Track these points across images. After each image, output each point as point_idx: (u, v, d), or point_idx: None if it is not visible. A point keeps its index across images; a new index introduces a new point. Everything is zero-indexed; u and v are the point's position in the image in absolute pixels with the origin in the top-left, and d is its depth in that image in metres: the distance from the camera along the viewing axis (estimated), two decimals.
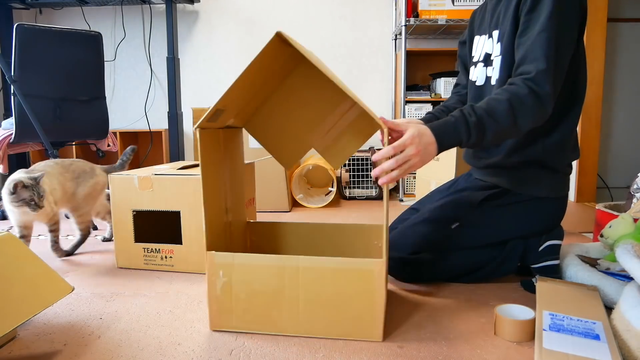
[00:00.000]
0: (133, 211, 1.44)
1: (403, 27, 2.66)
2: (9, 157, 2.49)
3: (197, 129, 0.99)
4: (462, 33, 1.49)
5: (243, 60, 3.18)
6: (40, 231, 1.92)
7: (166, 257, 1.44)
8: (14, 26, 1.94)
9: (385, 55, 3.14)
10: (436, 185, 2.06)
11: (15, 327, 0.88)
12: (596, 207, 1.61)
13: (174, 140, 2.95)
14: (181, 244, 1.42)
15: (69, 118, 2.17)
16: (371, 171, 2.71)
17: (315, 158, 2.66)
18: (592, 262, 1.25)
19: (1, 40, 2.90)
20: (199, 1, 3.08)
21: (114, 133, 2.75)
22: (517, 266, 1.30)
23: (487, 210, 1.27)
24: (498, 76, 1.24)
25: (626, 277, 1.13)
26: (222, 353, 0.93)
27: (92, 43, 2.22)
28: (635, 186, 1.60)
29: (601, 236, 1.26)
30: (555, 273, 1.24)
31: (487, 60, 1.29)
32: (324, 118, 1.26)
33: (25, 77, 1.99)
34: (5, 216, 2.25)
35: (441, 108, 1.44)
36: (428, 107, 2.83)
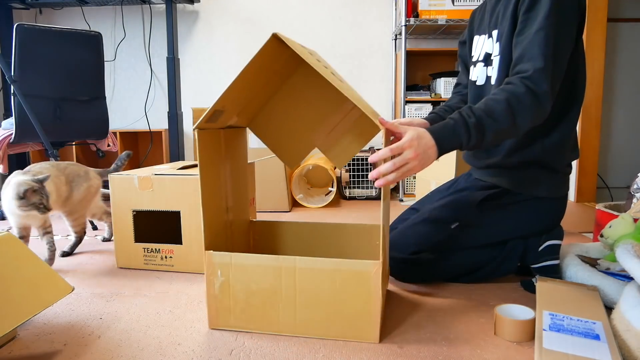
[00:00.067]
0: (133, 211, 1.44)
1: (403, 27, 2.66)
2: (9, 157, 2.50)
3: (196, 130, 1.00)
4: (462, 33, 1.49)
5: (243, 60, 3.18)
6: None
7: (166, 257, 1.44)
8: (14, 26, 1.94)
9: (385, 55, 3.14)
10: (436, 185, 2.06)
11: (15, 327, 0.88)
12: (596, 207, 1.61)
13: (174, 140, 2.96)
14: (181, 244, 1.42)
15: (69, 118, 2.17)
16: (370, 172, 2.71)
17: (315, 158, 2.66)
18: (592, 262, 1.25)
19: (1, 40, 2.91)
20: (199, 1, 3.08)
21: (114, 133, 2.75)
22: (517, 266, 1.30)
23: (487, 210, 1.27)
24: (497, 76, 1.24)
25: (626, 277, 1.13)
26: (222, 353, 0.93)
27: (92, 43, 2.22)
28: (635, 186, 1.60)
29: (601, 236, 1.26)
30: (555, 273, 1.24)
31: (487, 59, 1.29)
32: (327, 117, 1.26)
33: (25, 77, 1.99)
34: (5, 216, 2.25)
35: (444, 108, 1.44)
36: (428, 107, 2.83)
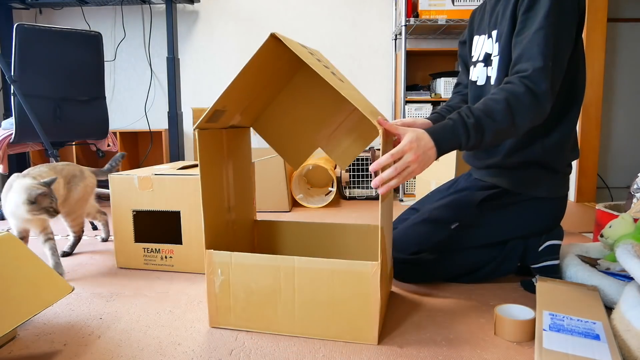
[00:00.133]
0: (133, 211, 1.44)
1: (403, 27, 2.66)
2: (9, 157, 2.49)
3: (196, 130, 1.00)
4: (462, 33, 1.49)
5: (243, 60, 3.18)
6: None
7: (166, 257, 1.44)
8: (14, 26, 1.94)
9: (385, 55, 3.14)
10: (436, 185, 2.06)
11: (15, 327, 0.87)
12: (596, 207, 1.61)
13: (174, 140, 2.96)
14: (181, 244, 1.42)
15: (69, 118, 2.17)
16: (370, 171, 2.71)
17: (315, 158, 2.66)
18: (592, 262, 1.25)
19: (1, 40, 2.90)
20: (199, 1, 3.08)
21: (114, 133, 2.75)
22: (517, 266, 1.30)
23: (487, 210, 1.27)
24: (496, 76, 1.24)
25: (626, 277, 1.13)
26: (222, 353, 0.93)
27: (92, 43, 2.22)
28: (635, 186, 1.60)
29: (601, 236, 1.26)
30: (555, 273, 1.24)
31: (487, 60, 1.29)
32: (330, 117, 1.26)
33: (25, 77, 1.99)
34: (5, 217, 2.25)
35: (446, 108, 1.44)
36: (428, 107, 2.83)
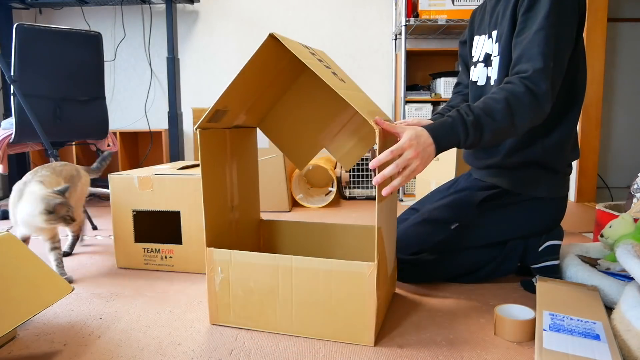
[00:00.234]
0: (133, 211, 1.44)
1: (403, 27, 2.66)
2: (9, 157, 2.49)
3: (198, 130, 1.00)
4: (462, 33, 1.49)
5: (243, 60, 3.18)
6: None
7: (166, 257, 1.44)
8: (14, 26, 1.94)
9: (385, 55, 3.14)
10: (436, 185, 2.06)
11: (15, 327, 0.87)
12: (596, 207, 1.61)
13: (174, 140, 2.95)
14: (181, 244, 1.42)
15: (69, 118, 2.17)
16: (371, 171, 2.71)
17: (315, 158, 2.66)
18: (592, 262, 1.25)
19: (1, 40, 2.90)
20: (199, 1, 3.08)
21: (114, 133, 2.74)
22: (517, 266, 1.30)
23: (487, 210, 1.27)
24: (496, 76, 1.24)
25: (626, 277, 1.13)
26: (222, 353, 0.93)
27: (92, 43, 2.22)
28: (635, 186, 1.60)
29: (601, 236, 1.26)
30: (555, 273, 1.24)
31: (487, 60, 1.29)
32: (334, 118, 1.26)
33: (25, 77, 1.99)
34: (5, 216, 2.25)
35: (447, 108, 1.44)
36: (428, 107, 2.83)
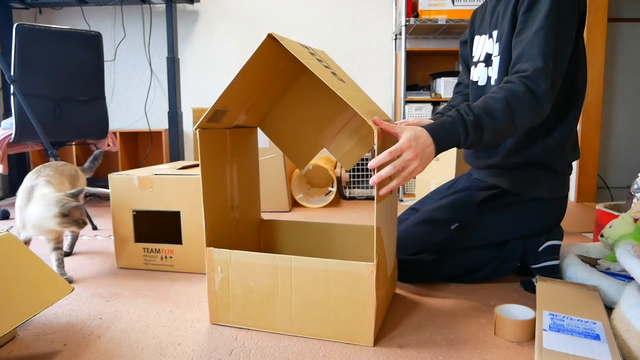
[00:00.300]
0: (133, 211, 1.44)
1: (403, 27, 2.66)
2: (9, 157, 2.49)
3: (197, 130, 1.00)
4: (462, 33, 1.49)
5: (243, 60, 3.16)
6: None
7: (166, 257, 1.44)
8: (14, 26, 1.94)
9: (385, 55, 3.14)
10: (436, 185, 2.06)
11: (15, 327, 0.87)
12: (596, 207, 1.61)
13: (174, 140, 2.95)
14: (181, 244, 1.42)
15: (69, 118, 2.17)
16: (371, 171, 2.71)
17: (315, 158, 2.66)
18: (592, 262, 1.25)
19: (1, 40, 2.90)
20: (199, 1, 3.08)
21: (114, 133, 2.74)
22: (517, 266, 1.30)
23: (487, 210, 1.27)
24: (497, 76, 1.24)
25: (626, 277, 1.13)
26: (222, 353, 0.93)
27: (92, 43, 2.22)
28: (635, 186, 1.60)
29: (601, 236, 1.26)
30: (555, 273, 1.24)
31: (488, 60, 1.29)
32: (335, 118, 1.26)
33: (25, 77, 1.99)
34: (5, 216, 2.25)
35: (447, 108, 1.44)
36: (428, 107, 2.83)
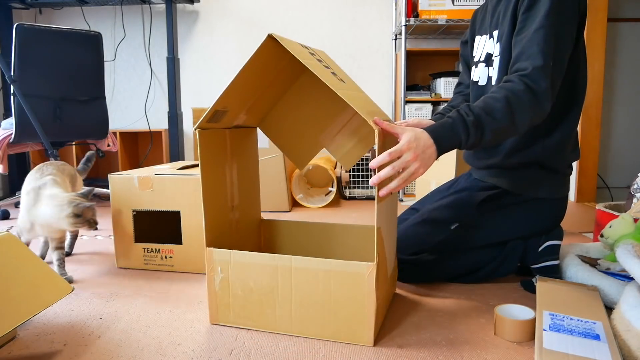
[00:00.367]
0: (133, 211, 1.44)
1: (403, 27, 2.66)
2: (9, 157, 2.49)
3: (197, 130, 1.00)
4: (463, 33, 1.49)
5: (243, 60, 3.16)
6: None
7: (166, 257, 1.44)
8: (14, 26, 1.94)
9: (385, 55, 3.14)
10: (436, 185, 2.06)
11: (15, 327, 0.87)
12: (596, 207, 1.61)
13: (174, 140, 2.95)
14: (181, 244, 1.42)
15: (69, 118, 2.17)
16: (371, 172, 2.71)
17: (315, 158, 2.66)
18: (592, 262, 1.25)
19: (1, 40, 2.90)
20: (199, 1, 3.08)
21: (114, 133, 2.74)
22: (517, 266, 1.30)
23: (487, 211, 1.27)
24: (497, 76, 1.24)
25: (626, 277, 1.13)
26: (222, 353, 0.93)
27: (92, 43, 2.22)
28: (635, 186, 1.60)
29: (601, 236, 1.26)
30: (555, 273, 1.24)
31: (488, 60, 1.29)
32: (335, 118, 1.26)
33: (25, 77, 1.99)
34: (5, 216, 2.24)
35: (448, 108, 1.44)
36: (428, 107, 2.83)
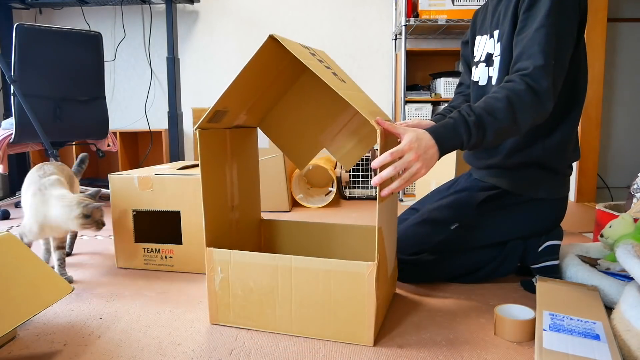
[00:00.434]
0: (133, 211, 1.44)
1: (403, 27, 2.66)
2: (9, 157, 2.49)
3: (197, 130, 1.00)
4: (463, 33, 1.49)
5: (243, 60, 3.18)
6: None
7: (166, 257, 1.44)
8: (14, 26, 1.94)
9: (385, 55, 3.14)
10: (436, 185, 2.06)
11: (15, 327, 0.87)
12: (596, 207, 1.61)
13: (174, 140, 2.95)
14: (181, 244, 1.42)
15: (69, 118, 2.17)
16: (371, 171, 2.71)
17: (315, 158, 2.66)
18: (592, 262, 1.25)
19: (1, 40, 2.90)
20: (199, 1, 3.08)
21: (114, 133, 2.74)
22: (517, 266, 1.30)
23: (487, 211, 1.27)
24: (498, 76, 1.24)
25: (626, 277, 1.13)
26: (222, 353, 0.93)
27: (92, 43, 2.22)
28: (635, 186, 1.60)
29: (601, 236, 1.26)
30: (555, 273, 1.24)
31: (489, 60, 1.29)
32: (335, 118, 1.26)
33: (25, 77, 1.99)
34: (5, 216, 2.24)
35: (448, 108, 1.44)
36: (428, 107, 2.83)
